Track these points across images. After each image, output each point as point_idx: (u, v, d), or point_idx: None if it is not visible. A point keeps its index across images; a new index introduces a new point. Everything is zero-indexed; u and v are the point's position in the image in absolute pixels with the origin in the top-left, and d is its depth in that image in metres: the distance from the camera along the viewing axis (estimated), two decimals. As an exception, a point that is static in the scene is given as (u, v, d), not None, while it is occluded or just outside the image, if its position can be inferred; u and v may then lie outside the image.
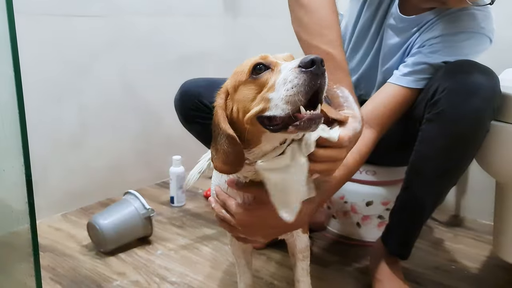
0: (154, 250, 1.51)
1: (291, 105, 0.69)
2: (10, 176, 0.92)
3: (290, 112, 0.69)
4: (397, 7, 1.20)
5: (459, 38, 1.12)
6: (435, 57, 1.11)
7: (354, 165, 1.03)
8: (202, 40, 2.16)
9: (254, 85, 0.75)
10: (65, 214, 1.77)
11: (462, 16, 1.12)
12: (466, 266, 1.43)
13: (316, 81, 0.68)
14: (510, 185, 1.16)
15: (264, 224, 0.89)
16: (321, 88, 0.69)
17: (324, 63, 0.69)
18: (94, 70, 1.79)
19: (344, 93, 0.91)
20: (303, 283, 1.06)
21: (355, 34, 1.32)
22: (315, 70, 0.67)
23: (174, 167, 1.83)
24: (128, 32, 1.88)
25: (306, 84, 0.68)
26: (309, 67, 0.68)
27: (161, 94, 1.99)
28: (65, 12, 1.66)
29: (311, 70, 0.68)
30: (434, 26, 1.15)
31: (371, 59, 1.29)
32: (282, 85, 0.70)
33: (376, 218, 1.55)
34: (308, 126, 0.69)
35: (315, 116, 0.69)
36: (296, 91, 0.68)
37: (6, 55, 0.83)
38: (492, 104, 1.01)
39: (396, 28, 1.21)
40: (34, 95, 1.60)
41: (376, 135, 1.10)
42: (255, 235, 0.93)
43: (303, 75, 0.68)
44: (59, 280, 1.32)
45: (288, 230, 0.98)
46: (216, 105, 0.81)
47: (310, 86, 0.68)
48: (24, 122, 0.87)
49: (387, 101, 1.13)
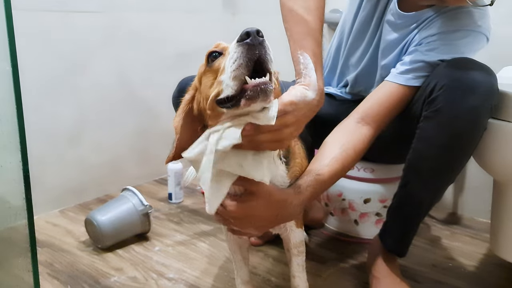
0: (151, 246, 1.51)
1: (237, 80, 0.71)
2: (7, 172, 0.92)
3: (237, 88, 0.71)
4: (396, 3, 1.20)
5: (456, 36, 1.12)
6: (432, 55, 1.11)
7: (348, 161, 1.03)
8: (200, 37, 2.15)
9: (211, 72, 0.79)
10: (63, 210, 1.77)
11: (459, 14, 1.13)
12: (463, 264, 1.44)
13: (254, 51, 0.70)
14: (507, 183, 1.17)
15: (254, 215, 0.90)
16: (262, 57, 0.71)
17: (261, 34, 0.70)
18: (92, 66, 1.79)
19: (305, 60, 0.88)
20: (299, 278, 1.06)
21: (354, 30, 1.32)
22: (251, 40, 0.69)
23: (172, 163, 1.83)
24: (126, 28, 1.87)
25: (244, 56, 0.70)
26: (245, 39, 0.70)
27: (159, 90, 1.99)
28: (62, 8, 1.66)
29: (246, 41, 0.69)
30: (432, 24, 1.15)
31: (371, 55, 1.29)
32: (228, 63, 0.72)
33: (374, 215, 1.55)
34: (256, 94, 0.70)
35: (260, 83, 0.70)
36: (237, 64, 0.70)
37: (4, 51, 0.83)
38: (489, 102, 1.01)
39: (394, 24, 1.21)
40: (32, 91, 1.59)
41: (372, 132, 1.10)
42: (247, 227, 0.93)
43: (240, 48, 0.70)
44: (57, 276, 1.32)
45: (280, 222, 0.98)
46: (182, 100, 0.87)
47: (249, 57, 0.70)
48: (22, 118, 0.87)
49: (385, 99, 1.13)
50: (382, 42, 1.24)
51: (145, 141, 2.04)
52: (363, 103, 1.14)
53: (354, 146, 1.05)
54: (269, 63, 0.72)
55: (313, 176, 0.96)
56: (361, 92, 1.35)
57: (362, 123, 1.11)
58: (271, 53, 0.72)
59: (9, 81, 0.85)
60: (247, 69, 0.70)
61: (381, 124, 1.12)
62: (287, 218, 0.97)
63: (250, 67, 0.70)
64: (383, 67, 1.24)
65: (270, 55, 0.72)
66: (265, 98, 0.71)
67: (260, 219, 0.91)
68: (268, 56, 0.71)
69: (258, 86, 0.70)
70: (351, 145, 1.04)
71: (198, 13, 2.15)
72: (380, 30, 1.26)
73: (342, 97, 1.43)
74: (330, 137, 1.09)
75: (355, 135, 1.08)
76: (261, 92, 0.70)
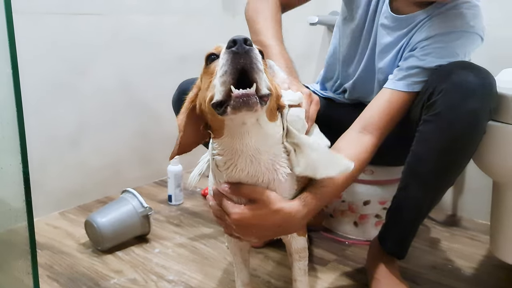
0: (151, 248, 1.51)
1: (224, 86, 0.71)
2: (8, 174, 0.92)
3: (224, 95, 0.72)
4: (388, 7, 1.21)
5: (450, 38, 1.11)
6: (428, 60, 1.11)
7: (352, 172, 1.03)
8: (201, 39, 2.16)
9: (208, 74, 0.79)
10: (63, 212, 1.77)
11: (452, 16, 1.12)
12: (462, 266, 1.44)
13: (239, 60, 0.70)
14: (507, 185, 1.17)
15: (257, 225, 0.90)
16: (248, 66, 0.70)
17: (249, 42, 0.70)
18: (92, 68, 1.79)
19: (269, 63, 0.99)
20: (300, 282, 1.06)
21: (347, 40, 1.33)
22: (237, 49, 0.69)
23: (172, 165, 1.83)
24: (126, 30, 1.88)
25: (229, 64, 0.70)
26: (232, 47, 0.70)
27: (159, 92, 1.99)
28: (63, 10, 1.66)
29: (232, 49, 0.69)
30: (425, 27, 1.14)
31: (367, 60, 1.29)
32: (218, 69, 0.73)
33: (374, 217, 1.55)
34: (238, 105, 0.71)
35: (241, 95, 0.70)
36: (222, 71, 0.71)
37: (4, 54, 0.83)
38: (488, 105, 1.01)
39: (388, 27, 1.21)
40: (32, 94, 1.59)
41: (375, 141, 1.10)
42: (249, 235, 0.94)
43: (225, 55, 0.71)
44: (57, 278, 1.32)
45: (283, 233, 0.99)
46: (186, 98, 0.87)
47: (234, 65, 0.70)
48: (22, 120, 0.88)
49: (385, 106, 1.13)
50: (378, 45, 1.24)
51: (145, 143, 2.04)
52: (364, 112, 1.14)
53: (358, 156, 1.05)
54: (255, 73, 0.71)
55: (318, 189, 0.95)
56: (360, 98, 1.35)
57: (364, 132, 1.10)
58: (259, 62, 0.71)
59: (10, 83, 0.85)
60: (231, 77, 0.70)
61: (384, 131, 1.12)
62: (290, 230, 0.98)
63: (235, 75, 0.71)
64: (380, 70, 1.24)
65: (257, 64, 0.71)
66: (249, 108, 0.71)
67: (263, 229, 0.92)
68: (254, 66, 0.71)
69: (240, 98, 0.70)
70: (355, 156, 1.04)
71: (198, 15, 2.15)
72: (374, 34, 1.26)
73: (341, 101, 1.43)
74: (334, 149, 1.09)
75: (358, 145, 1.08)
76: (243, 103, 0.70)
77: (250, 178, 0.86)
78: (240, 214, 0.89)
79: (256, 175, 0.86)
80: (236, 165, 0.84)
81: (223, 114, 0.74)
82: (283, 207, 0.89)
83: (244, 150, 0.82)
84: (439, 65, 1.09)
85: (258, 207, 0.88)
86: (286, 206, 0.90)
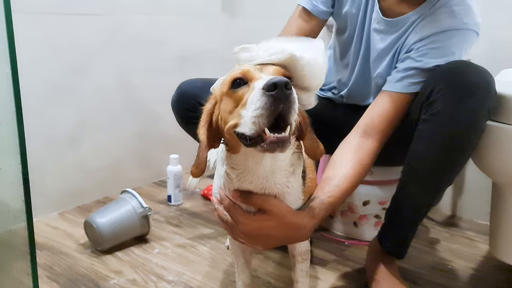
0: (151, 248, 1.51)
1: (256, 126, 0.69)
2: (7, 175, 0.92)
3: (255, 133, 0.69)
4: (379, 12, 1.20)
5: (444, 38, 1.11)
6: (425, 61, 1.11)
7: (356, 178, 1.04)
8: (200, 39, 2.16)
9: (233, 98, 0.76)
10: (62, 213, 1.77)
11: (443, 14, 1.11)
12: (462, 266, 1.44)
13: (278, 105, 0.67)
14: (506, 185, 1.17)
15: (266, 234, 0.91)
16: (284, 112, 0.68)
17: (289, 86, 0.67)
18: (91, 68, 1.79)
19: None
20: (302, 283, 1.06)
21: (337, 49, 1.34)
22: (277, 94, 0.66)
23: (172, 166, 1.83)
24: (125, 31, 1.88)
25: (267, 108, 0.67)
26: (271, 91, 0.67)
27: (158, 93, 1.99)
28: (62, 10, 1.66)
29: (272, 94, 0.67)
30: (418, 28, 1.14)
31: (360, 68, 1.29)
32: (250, 104, 0.70)
33: (373, 217, 1.55)
34: (271, 148, 0.69)
35: (276, 140, 0.69)
36: (258, 113, 0.68)
37: (4, 54, 0.83)
38: (487, 104, 1.01)
39: (381, 31, 1.21)
40: (31, 94, 1.59)
41: (377, 144, 1.11)
42: (256, 243, 0.94)
43: (264, 98, 0.67)
44: (56, 279, 1.32)
45: (290, 242, 1.00)
46: (203, 109, 0.84)
47: (271, 110, 0.67)
48: (21, 121, 0.88)
49: (384, 109, 1.13)
50: (373, 51, 1.24)
51: (144, 143, 2.04)
52: (364, 116, 1.14)
53: (361, 161, 1.06)
54: (292, 117, 0.69)
55: (325, 199, 0.97)
56: (358, 103, 1.35)
57: (365, 136, 1.11)
58: (295, 105, 0.69)
59: (9, 83, 0.85)
60: (267, 121, 0.68)
61: (385, 134, 1.12)
62: (297, 240, 0.99)
63: (271, 119, 0.68)
64: (378, 75, 1.23)
65: (295, 108, 0.69)
66: (282, 150, 0.70)
67: (271, 238, 0.92)
68: (292, 110, 0.69)
69: (275, 144, 0.69)
70: (358, 161, 1.04)
71: (197, 16, 2.15)
72: (365, 39, 1.25)
73: (340, 101, 1.43)
74: (336, 155, 1.09)
75: (360, 150, 1.08)
76: (278, 147, 0.69)
77: (260, 189, 0.86)
78: (250, 225, 0.89)
79: (267, 187, 0.86)
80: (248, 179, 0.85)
81: (251, 147, 0.72)
82: (292, 220, 0.90)
83: (258, 169, 0.83)
84: (437, 65, 1.09)
85: (268, 218, 0.88)
86: (295, 219, 0.91)
